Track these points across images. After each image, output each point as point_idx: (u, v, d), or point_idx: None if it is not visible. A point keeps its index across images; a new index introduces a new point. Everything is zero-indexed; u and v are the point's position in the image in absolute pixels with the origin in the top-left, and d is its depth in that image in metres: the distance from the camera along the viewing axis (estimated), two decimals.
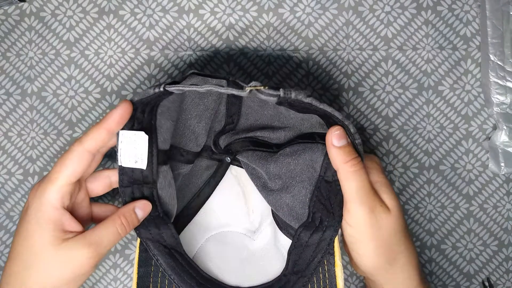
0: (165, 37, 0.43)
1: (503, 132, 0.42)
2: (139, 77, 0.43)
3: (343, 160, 0.32)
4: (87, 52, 0.43)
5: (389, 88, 0.43)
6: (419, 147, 0.44)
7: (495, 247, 0.44)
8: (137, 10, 0.43)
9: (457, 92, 0.43)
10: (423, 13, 0.43)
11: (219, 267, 0.39)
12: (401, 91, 0.43)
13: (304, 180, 0.36)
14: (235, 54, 0.43)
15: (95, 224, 0.35)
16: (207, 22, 0.43)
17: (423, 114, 0.43)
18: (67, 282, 0.33)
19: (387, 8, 0.43)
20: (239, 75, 0.43)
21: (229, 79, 0.34)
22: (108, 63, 0.43)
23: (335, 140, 0.33)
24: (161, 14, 0.43)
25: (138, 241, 0.35)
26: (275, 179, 0.38)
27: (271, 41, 0.43)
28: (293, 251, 0.36)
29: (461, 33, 0.43)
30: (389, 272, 0.34)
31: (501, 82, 0.42)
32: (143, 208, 0.34)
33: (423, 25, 0.43)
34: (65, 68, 0.43)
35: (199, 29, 0.43)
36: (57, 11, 0.43)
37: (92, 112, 0.43)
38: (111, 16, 0.43)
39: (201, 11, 0.43)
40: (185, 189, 0.41)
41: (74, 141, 0.34)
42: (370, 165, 0.35)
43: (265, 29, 0.43)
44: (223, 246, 0.40)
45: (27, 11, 0.43)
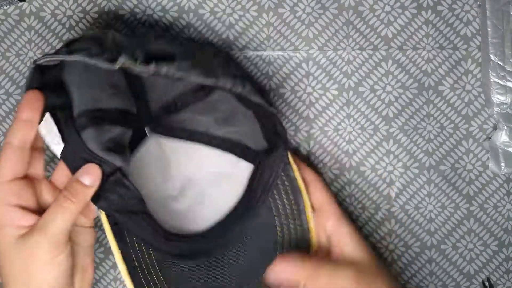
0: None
1: (504, 132, 0.42)
2: None
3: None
4: None
5: (389, 88, 0.43)
6: (419, 147, 0.44)
7: (495, 247, 0.44)
8: (136, 10, 0.43)
9: (458, 92, 0.43)
10: (424, 13, 0.43)
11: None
12: (401, 91, 0.43)
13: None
14: (235, 54, 0.43)
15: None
16: (207, 22, 0.43)
17: (423, 114, 0.43)
18: (43, 271, 0.30)
19: (387, 7, 0.43)
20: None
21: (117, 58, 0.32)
22: None
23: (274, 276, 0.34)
24: (161, 14, 0.43)
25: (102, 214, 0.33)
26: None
27: (271, 41, 0.43)
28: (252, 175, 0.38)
29: (462, 33, 0.43)
30: None
31: (501, 82, 0.42)
32: (87, 172, 0.32)
33: (423, 25, 0.43)
34: None
35: (199, 29, 0.43)
36: (57, 11, 0.43)
37: None
38: (111, 15, 0.43)
39: (201, 11, 0.43)
40: None
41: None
42: (326, 213, 0.37)
43: (265, 29, 0.43)
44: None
45: (27, 11, 0.43)
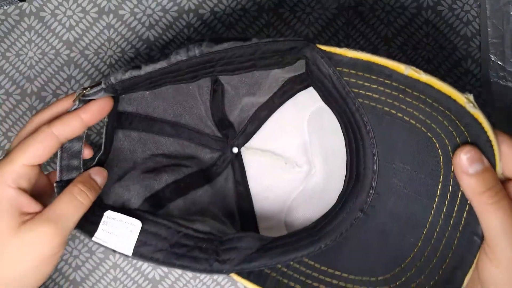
0: (164, 37, 0.43)
1: None
2: None
3: (477, 191, 0.26)
4: (86, 52, 0.43)
5: None
6: None
7: None
8: (136, 10, 0.43)
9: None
10: (424, 12, 0.43)
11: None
12: None
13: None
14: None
15: None
16: (207, 22, 0.43)
17: None
18: (35, 267, 0.30)
19: (388, 7, 0.43)
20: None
21: None
22: (108, 63, 0.43)
23: (466, 166, 0.26)
24: (161, 14, 0.43)
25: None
26: None
27: None
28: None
29: (462, 33, 0.43)
30: None
31: (501, 82, 0.42)
32: (98, 173, 0.32)
33: (423, 25, 0.43)
34: (65, 68, 0.43)
35: (199, 29, 0.43)
36: (57, 11, 0.43)
37: None
38: (111, 16, 0.43)
39: (201, 11, 0.43)
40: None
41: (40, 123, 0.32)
42: None
43: (265, 29, 0.43)
44: None
45: (27, 11, 0.43)
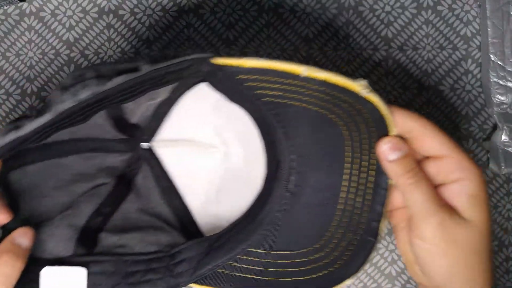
0: (164, 37, 0.43)
1: (504, 132, 0.42)
2: None
3: (398, 174, 0.29)
4: (86, 52, 0.43)
5: (389, 88, 0.43)
6: None
7: (495, 247, 0.44)
8: (136, 10, 0.43)
9: (458, 92, 0.43)
10: (424, 12, 0.43)
11: None
12: (401, 91, 0.43)
13: None
14: (235, 54, 0.43)
15: None
16: (207, 22, 0.43)
17: (424, 114, 0.43)
18: None
19: (387, 7, 0.43)
20: None
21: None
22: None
23: (387, 154, 0.29)
24: (161, 13, 0.43)
25: None
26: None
27: (271, 41, 0.43)
28: None
29: (462, 33, 0.43)
30: None
31: (501, 82, 0.42)
32: (23, 235, 0.29)
33: (423, 25, 0.43)
34: (65, 68, 0.43)
35: (199, 29, 0.43)
36: (57, 11, 0.43)
37: None
38: (111, 16, 0.43)
39: (201, 11, 0.43)
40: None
41: None
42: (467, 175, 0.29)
43: (265, 29, 0.43)
44: None
45: (27, 11, 0.43)
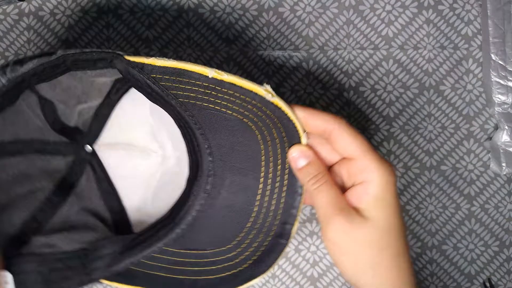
0: (164, 37, 0.43)
1: (505, 132, 0.42)
2: None
3: (305, 180, 0.32)
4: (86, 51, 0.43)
5: (390, 87, 0.43)
6: (420, 147, 0.43)
7: (496, 247, 0.44)
8: (136, 9, 0.43)
9: (459, 91, 0.43)
10: (424, 12, 0.43)
11: None
12: (402, 90, 0.43)
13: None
14: (235, 53, 0.43)
15: None
16: (207, 21, 0.43)
17: (424, 114, 0.43)
18: None
19: (388, 7, 0.43)
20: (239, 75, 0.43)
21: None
22: None
23: (295, 162, 0.33)
24: (161, 13, 0.43)
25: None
26: None
27: (271, 40, 0.43)
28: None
29: (463, 32, 0.43)
30: (373, 277, 0.32)
31: (502, 81, 0.42)
32: None
33: (424, 24, 0.43)
34: None
35: (199, 29, 0.43)
36: (56, 10, 0.43)
37: None
38: (110, 15, 0.43)
39: (201, 10, 0.43)
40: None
41: None
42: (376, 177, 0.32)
43: (265, 28, 0.43)
44: None
45: (26, 10, 0.43)
